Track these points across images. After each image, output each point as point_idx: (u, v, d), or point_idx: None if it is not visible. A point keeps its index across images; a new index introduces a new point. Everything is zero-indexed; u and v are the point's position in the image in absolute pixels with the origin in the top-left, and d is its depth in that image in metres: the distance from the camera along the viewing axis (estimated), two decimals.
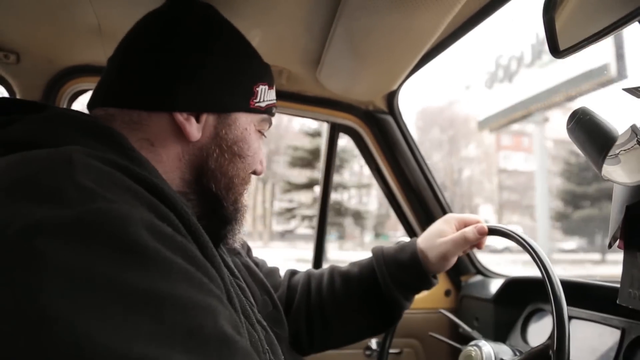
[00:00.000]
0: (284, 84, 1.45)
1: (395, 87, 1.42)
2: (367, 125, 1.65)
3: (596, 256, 21.71)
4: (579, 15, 0.71)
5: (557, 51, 0.73)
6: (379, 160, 1.69)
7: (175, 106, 0.72)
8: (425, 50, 1.13)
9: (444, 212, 1.71)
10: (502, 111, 23.28)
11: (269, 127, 0.87)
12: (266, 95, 0.82)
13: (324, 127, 1.76)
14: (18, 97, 1.40)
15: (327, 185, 1.74)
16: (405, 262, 1.04)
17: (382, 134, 1.65)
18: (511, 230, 0.96)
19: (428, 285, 1.06)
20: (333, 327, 1.06)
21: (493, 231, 0.99)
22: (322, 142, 1.79)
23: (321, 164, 1.77)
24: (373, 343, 1.63)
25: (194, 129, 0.73)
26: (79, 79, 1.40)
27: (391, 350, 1.65)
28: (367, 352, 1.64)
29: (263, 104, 0.81)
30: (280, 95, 1.50)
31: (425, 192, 1.70)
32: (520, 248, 0.93)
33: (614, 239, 0.66)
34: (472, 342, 1.04)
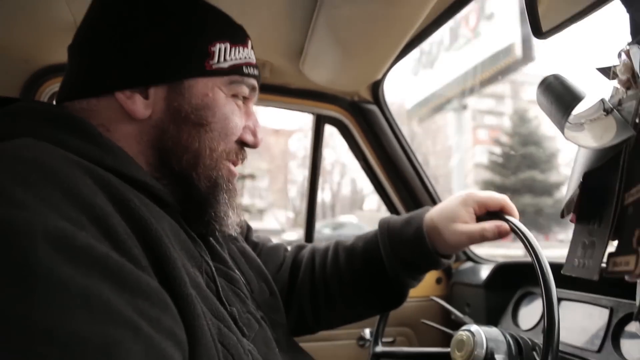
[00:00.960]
0: (267, 77, 1.44)
1: (379, 77, 1.41)
2: (353, 116, 1.64)
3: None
4: None
5: (539, 32, 0.73)
6: (365, 151, 1.69)
7: (115, 85, 0.67)
8: (408, 39, 1.13)
9: (433, 202, 1.72)
10: (424, 99, 21.75)
11: (253, 90, 0.78)
12: (229, 54, 0.72)
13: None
14: None
15: (314, 177, 1.74)
16: (410, 238, 0.94)
17: (368, 124, 1.64)
18: (526, 233, 0.90)
19: (436, 264, 0.95)
20: (337, 304, 1.00)
21: (514, 231, 0.88)
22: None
23: (309, 155, 1.76)
24: (366, 333, 1.63)
25: (139, 107, 0.67)
26: (56, 78, 1.37)
27: (384, 339, 1.65)
28: (361, 342, 1.64)
29: (225, 65, 0.72)
30: (264, 88, 1.50)
31: (413, 181, 1.70)
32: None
33: (567, 210, 0.66)
34: (464, 327, 1.04)
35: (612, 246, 0.55)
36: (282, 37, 1.22)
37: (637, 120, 0.54)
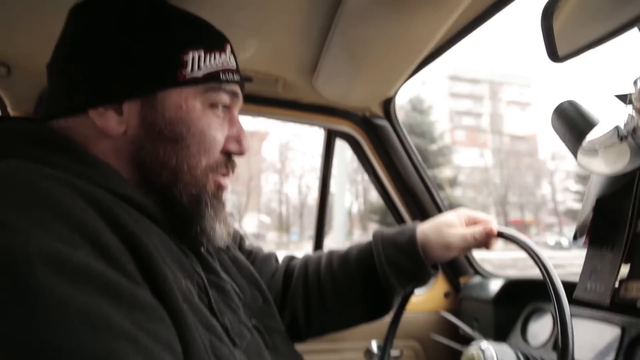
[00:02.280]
0: (279, 92, 1.45)
1: (392, 94, 1.43)
2: (364, 131, 1.65)
3: None
4: (577, 21, 0.72)
5: (556, 57, 0.75)
6: (376, 166, 1.70)
7: (88, 102, 0.65)
8: (423, 57, 1.14)
9: None
10: None
11: (234, 96, 0.75)
12: (204, 61, 0.69)
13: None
14: (8, 109, 1.38)
15: (324, 190, 1.75)
16: (402, 244, 0.98)
17: (379, 139, 1.65)
18: (516, 235, 0.95)
19: (423, 271, 0.98)
20: (330, 309, 1.03)
21: (501, 235, 0.95)
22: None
23: (319, 169, 1.77)
24: (374, 346, 1.62)
25: (112, 123, 0.66)
26: None
27: (391, 353, 1.65)
28: (368, 356, 1.64)
29: (200, 73, 0.69)
30: (276, 103, 1.51)
31: (423, 196, 1.70)
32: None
33: (580, 233, 0.67)
34: (474, 343, 1.04)
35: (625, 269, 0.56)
36: (296, 53, 1.23)
37: None
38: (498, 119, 42.34)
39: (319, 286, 1.02)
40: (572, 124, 0.66)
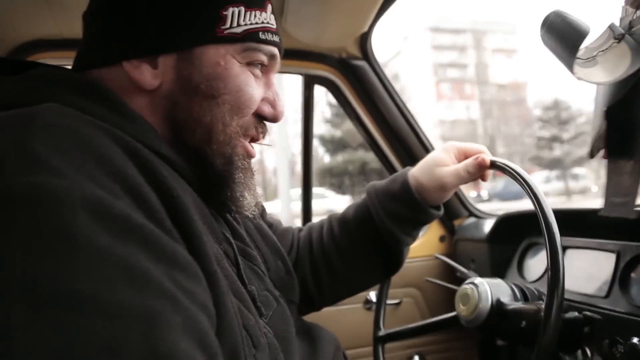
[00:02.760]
0: None
1: (365, 29, 1.36)
2: (342, 74, 1.59)
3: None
4: None
5: None
6: (357, 109, 1.64)
7: (123, 55, 0.64)
8: None
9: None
10: None
11: (272, 58, 0.72)
12: (244, 18, 0.67)
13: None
14: None
15: (307, 140, 1.71)
16: (397, 192, 0.95)
17: (358, 81, 1.59)
18: (509, 165, 0.90)
19: (425, 215, 0.95)
20: (340, 274, 1.00)
21: (494, 165, 0.90)
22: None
23: (300, 118, 1.72)
24: (372, 296, 1.62)
25: (147, 77, 0.64)
26: (33, 55, 1.32)
27: (390, 301, 1.64)
28: (367, 306, 1.64)
29: (239, 30, 0.66)
30: None
31: (408, 136, 1.66)
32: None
33: (596, 149, 0.62)
34: (468, 281, 1.02)
35: None
36: None
37: None
38: (484, 69, 41.55)
39: (324, 254, 1.01)
40: (563, 36, 0.60)
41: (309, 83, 1.65)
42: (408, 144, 1.66)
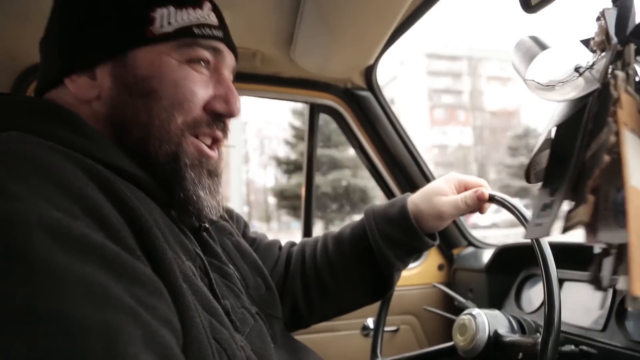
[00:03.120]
0: (258, 67, 1.42)
1: (371, 62, 1.39)
2: (347, 104, 1.63)
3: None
4: None
5: (528, 6, 0.72)
6: (360, 138, 1.67)
7: (64, 72, 0.66)
8: (398, 22, 1.11)
9: None
10: None
11: (217, 52, 0.72)
12: (175, 17, 0.67)
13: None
14: None
15: (310, 167, 1.72)
16: (394, 216, 0.96)
17: (362, 111, 1.62)
18: (507, 199, 0.93)
19: (420, 242, 0.95)
20: (330, 292, 1.00)
21: (493, 199, 0.92)
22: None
23: (304, 146, 1.74)
24: (370, 322, 1.63)
25: (84, 88, 0.66)
26: None
27: (388, 328, 1.65)
28: (365, 332, 1.64)
29: (170, 29, 0.66)
30: (256, 79, 1.48)
31: (409, 166, 1.68)
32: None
33: (535, 177, 0.62)
34: (466, 311, 1.03)
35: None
36: (271, 25, 1.20)
37: (607, 76, 0.53)
38: (478, 96, 41.53)
39: (316, 270, 1.01)
40: (526, 51, 0.63)
41: (314, 111, 1.67)
42: (409, 173, 1.68)
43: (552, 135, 0.61)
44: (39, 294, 0.36)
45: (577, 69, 0.57)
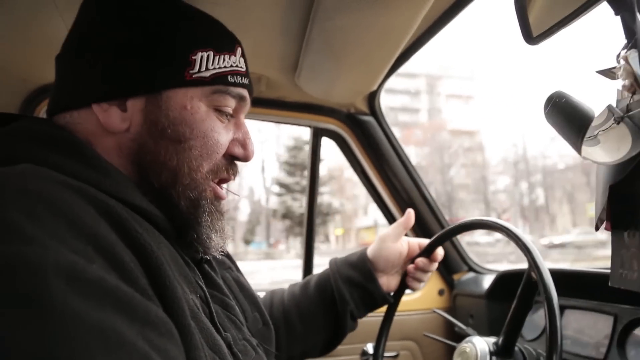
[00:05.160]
0: (263, 91, 1.44)
1: (375, 88, 1.41)
2: (350, 128, 1.65)
3: None
4: (549, 0, 0.71)
5: (530, 38, 0.73)
6: (363, 163, 1.69)
7: (93, 98, 0.65)
8: (402, 48, 1.13)
9: (432, 211, 1.71)
10: None
11: (241, 100, 0.74)
12: (213, 62, 0.68)
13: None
14: None
15: (313, 191, 1.73)
16: (353, 261, 1.11)
17: (365, 136, 1.64)
18: (508, 226, 0.94)
19: (373, 286, 1.08)
20: (296, 333, 1.07)
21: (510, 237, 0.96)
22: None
23: (307, 170, 1.75)
24: (369, 347, 1.61)
25: (115, 120, 0.65)
26: None
27: (388, 354, 1.63)
28: (364, 358, 1.62)
29: (207, 74, 0.68)
30: (260, 102, 1.50)
31: (411, 191, 1.69)
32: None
33: (600, 221, 0.65)
34: (467, 339, 1.03)
35: None
36: (276, 50, 1.22)
37: None
38: (436, 114, 40.23)
39: (284, 312, 1.09)
40: (569, 118, 0.64)
41: (317, 135, 1.69)
42: (411, 197, 1.69)
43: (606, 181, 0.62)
44: (56, 342, 0.36)
45: (614, 117, 0.59)
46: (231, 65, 0.71)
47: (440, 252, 1.12)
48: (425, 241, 1.14)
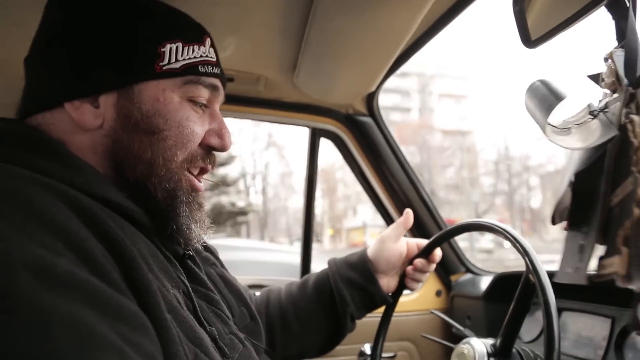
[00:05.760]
0: (261, 91, 1.43)
1: (373, 89, 1.41)
2: (348, 129, 1.64)
3: None
4: (548, 3, 0.71)
5: (529, 41, 0.74)
6: (361, 163, 1.69)
7: (64, 96, 0.65)
8: (401, 50, 1.13)
9: (430, 212, 1.71)
10: None
11: (214, 90, 0.74)
12: (182, 53, 0.68)
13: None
14: None
15: (310, 192, 1.73)
16: (354, 262, 1.10)
17: (363, 136, 1.64)
18: (497, 225, 0.95)
19: (374, 287, 1.08)
20: (293, 333, 1.07)
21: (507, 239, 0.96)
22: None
23: (305, 170, 1.75)
24: (367, 348, 1.61)
25: (89, 117, 0.65)
26: None
27: (385, 354, 1.63)
28: (362, 358, 1.62)
29: (177, 65, 0.67)
30: (258, 103, 1.50)
31: (409, 192, 1.69)
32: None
33: (559, 217, 0.65)
34: (464, 340, 1.03)
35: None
36: (275, 51, 1.22)
37: (622, 121, 0.54)
38: (428, 113, 39.03)
39: (281, 311, 1.08)
40: (541, 99, 0.64)
41: (314, 136, 1.69)
42: (408, 198, 1.69)
43: (571, 174, 0.62)
44: (26, 337, 0.36)
45: (591, 112, 0.59)
46: (201, 56, 0.71)
47: (438, 253, 1.12)
48: (423, 241, 1.14)
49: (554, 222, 0.67)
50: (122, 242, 0.51)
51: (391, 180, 1.68)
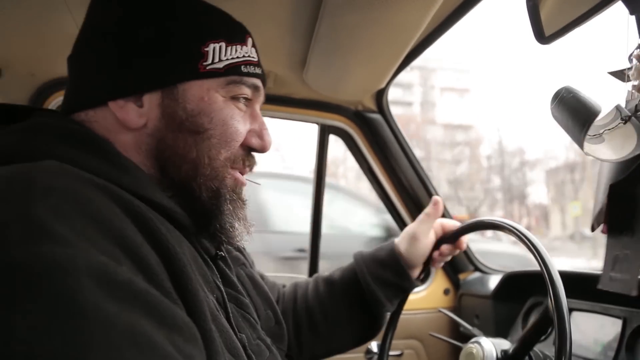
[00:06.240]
0: (271, 88, 1.43)
1: (383, 86, 1.41)
2: (357, 126, 1.64)
3: None
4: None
5: (542, 37, 0.73)
6: (370, 160, 1.68)
7: (108, 95, 0.65)
8: (411, 46, 1.12)
9: None
10: None
11: (256, 90, 0.74)
12: (225, 53, 0.68)
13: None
14: None
15: (319, 189, 1.73)
16: (384, 259, 1.05)
17: (372, 133, 1.64)
18: (508, 223, 0.93)
19: (408, 282, 1.04)
20: (321, 332, 1.04)
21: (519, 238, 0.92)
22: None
23: (313, 167, 1.75)
24: (374, 346, 1.60)
25: (133, 116, 0.65)
26: (62, 91, 1.37)
27: (392, 353, 1.63)
28: (368, 356, 1.62)
29: (221, 65, 0.68)
30: (268, 99, 1.48)
31: (419, 190, 1.68)
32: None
33: (597, 223, 0.64)
34: (473, 339, 1.02)
35: None
36: (285, 47, 1.22)
37: None
38: (430, 107, 38.29)
39: (308, 310, 1.05)
40: (574, 113, 0.63)
41: (323, 133, 1.69)
42: (418, 197, 1.68)
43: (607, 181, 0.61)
44: (89, 345, 0.36)
45: (622, 116, 0.58)
46: (243, 56, 0.71)
47: (465, 239, 1.08)
48: (448, 222, 1.10)
49: (592, 229, 0.66)
50: (173, 249, 0.51)
51: (400, 177, 1.67)
